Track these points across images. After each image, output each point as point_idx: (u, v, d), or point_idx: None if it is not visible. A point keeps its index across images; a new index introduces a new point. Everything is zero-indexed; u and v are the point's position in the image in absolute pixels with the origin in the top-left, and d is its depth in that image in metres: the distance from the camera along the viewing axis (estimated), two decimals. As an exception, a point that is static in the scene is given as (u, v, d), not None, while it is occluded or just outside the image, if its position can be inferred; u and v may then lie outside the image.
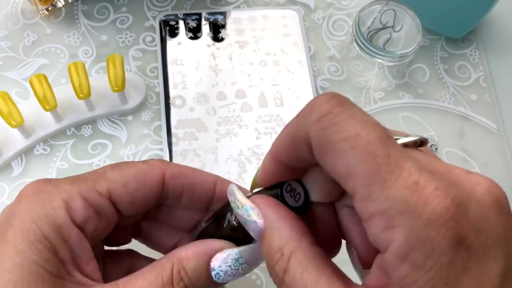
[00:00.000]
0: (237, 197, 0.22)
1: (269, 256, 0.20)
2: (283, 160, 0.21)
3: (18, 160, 0.39)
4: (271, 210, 0.21)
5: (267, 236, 0.20)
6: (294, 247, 0.19)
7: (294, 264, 0.19)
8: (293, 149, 0.20)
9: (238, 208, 0.22)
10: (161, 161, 0.26)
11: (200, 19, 0.46)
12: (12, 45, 0.44)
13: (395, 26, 0.41)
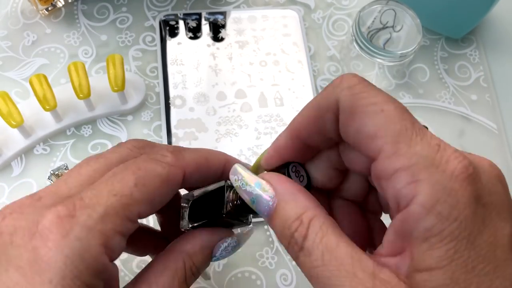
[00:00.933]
0: (244, 175, 0.22)
1: (286, 226, 0.20)
2: (302, 136, 0.22)
3: (18, 160, 0.39)
4: (284, 183, 0.21)
5: (282, 208, 0.20)
6: (312, 214, 0.20)
7: (314, 229, 0.19)
8: (317, 119, 0.21)
9: (246, 185, 0.22)
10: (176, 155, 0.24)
11: (200, 19, 0.46)
12: (12, 45, 0.44)
13: (395, 26, 0.41)
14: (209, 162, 0.26)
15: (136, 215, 0.22)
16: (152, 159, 0.24)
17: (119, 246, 0.21)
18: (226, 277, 0.36)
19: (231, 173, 0.23)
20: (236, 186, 0.22)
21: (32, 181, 0.38)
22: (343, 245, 0.19)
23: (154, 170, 0.23)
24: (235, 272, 0.36)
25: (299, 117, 0.22)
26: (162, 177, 0.23)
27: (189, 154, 0.25)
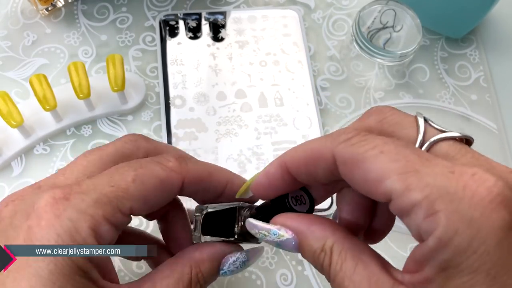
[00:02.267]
0: (260, 228, 0.23)
1: (315, 259, 0.21)
2: (292, 171, 0.22)
3: (18, 160, 0.39)
4: (296, 221, 0.22)
5: (305, 244, 0.21)
6: (331, 242, 0.21)
7: (335, 257, 0.20)
8: (309, 164, 0.21)
9: (266, 236, 0.23)
10: (180, 162, 0.25)
11: (200, 19, 0.46)
12: (12, 45, 0.44)
13: (395, 26, 0.41)
14: (211, 177, 0.26)
15: (128, 209, 0.23)
16: (155, 161, 0.24)
17: (108, 234, 0.22)
18: (226, 277, 0.36)
19: (248, 228, 0.24)
20: (260, 238, 0.23)
21: (32, 181, 0.38)
22: (360, 269, 0.19)
23: (154, 171, 0.24)
24: (235, 272, 0.37)
25: (294, 153, 0.22)
26: (161, 178, 0.24)
27: (193, 164, 0.26)
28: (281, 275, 0.37)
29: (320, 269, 0.21)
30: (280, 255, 0.37)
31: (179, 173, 0.24)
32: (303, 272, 0.37)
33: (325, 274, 0.21)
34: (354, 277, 0.19)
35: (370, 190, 0.19)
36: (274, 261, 0.37)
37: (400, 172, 0.18)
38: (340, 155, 0.20)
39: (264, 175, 0.24)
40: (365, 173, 0.19)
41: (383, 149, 0.19)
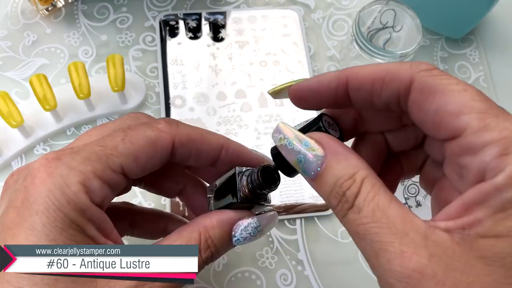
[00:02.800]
0: (289, 134, 0.22)
1: (337, 185, 0.20)
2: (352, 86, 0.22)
3: (18, 160, 0.39)
4: (334, 143, 0.21)
5: (333, 168, 0.20)
6: (365, 173, 0.20)
7: (367, 188, 0.19)
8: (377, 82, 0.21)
9: (293, 145, 0.21)
10: (170, 123, 0.26)
11: (200, 19, 0.46)
12: (12, 45, 0.44)
13: (395, 26, 0.41)
14: (203, 139, 0.26)
15: (118, 166, 0.23)
16: (145, 124, 0.25)
17: (99, 190, 0.23)
18: (226, 277, 0.36)
19: (275, 132, 0.22)
20: (280, 145, 0.22)
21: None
22: (394, 205, 0.19)
23: (144, 132, 0.24)
24: (235, 272, 0.37)
25: (358, 68, 0.22)
26: (150, 138, 0.24)
27: (184, 126, 0.26)
28: (281, 275, 0.37)
29: (337, 198, 0.20)
30: (280, 255, 0.37)
31: (169, 133, 0.25)
32: (303, 272, 0.37)
33: (340, 204, 0.20)
34: (388, 211, 0.19)
35: (441, 121, 0.19)
36: (274, 261, 0.37)
37: (480, 112, 0.18)
38: (420, 81, 0.20)
39: (316, 80, 0.23)
40: (442, 104, 0.19)
41: (466, 88, 0.19)
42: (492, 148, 0.18)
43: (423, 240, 0.18)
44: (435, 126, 0.20)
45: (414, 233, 0.18)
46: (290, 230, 0.38)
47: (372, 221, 0.19)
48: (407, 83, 0.20)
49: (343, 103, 0.22)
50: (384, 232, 0.18)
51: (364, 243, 0.19)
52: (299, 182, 0.39)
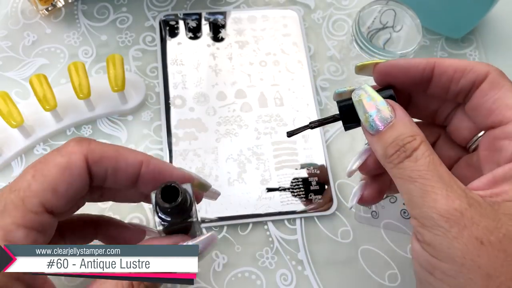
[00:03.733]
0: (371, 93, 0.26)
1: (400, 138, 0.24)
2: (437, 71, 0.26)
3: (18, 160, 0.39)
4: (402, 110, 0.25)
5: (399, 126, 0.25)
6: (424, 138, 0.24)
7: (425, 147, 0.24)
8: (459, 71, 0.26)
9: (372, 100, 0.25)
10: (81, 142, 0.25)
11: (200, 19, 0.46)
12: (12, 45, 0.44)
13: (395, 26, 0.41)
14: (119, 155, 0.25)
15: (38, 206, 0.23)
16: (54, 151, 0.25)
17: (24, 238, 0.22)
18: (226, 277, 0.36)
19: (357, 89, 0.26)
20: (359, 100, 0.26)
21: None
22: (444, 166, 0.23)
23: (53, 160, 0.24)
24: (235, 272, 0.37)
25: (445, 59, 0.26)
26: (62, 165, 0.24)
27: (97, 143, 0.25)
28: (281, 275, 0.37)
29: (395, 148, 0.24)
30: (280, 255, 0.37)
31: (80, 152, 0.24)
32: (303, 272, 0.37)
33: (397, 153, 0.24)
34: (439, 168, 0.23)
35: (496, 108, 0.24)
36: (274, 261, 0.37)
37: None
38: (494, 76, 0.25)
39: (406, 61, 0.27)
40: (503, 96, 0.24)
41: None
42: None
43: (464, 193, 0.22)
44: (490, 112, 0.25)
45: (457, 187, 0.22)
46: (290, 230, 0.38)
47: (427, 170, 0.23)
48: (483, 75, 0.25)
49: (422, 84, 0.27)
50: (435, 180, 0.22)
51: (413, 186, 0.23)
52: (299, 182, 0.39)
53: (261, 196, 0.39)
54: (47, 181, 0.23)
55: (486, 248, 0.21)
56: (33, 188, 0.23)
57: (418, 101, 0.29)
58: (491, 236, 0.21)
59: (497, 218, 0.21)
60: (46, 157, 0.24)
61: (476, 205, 0.22)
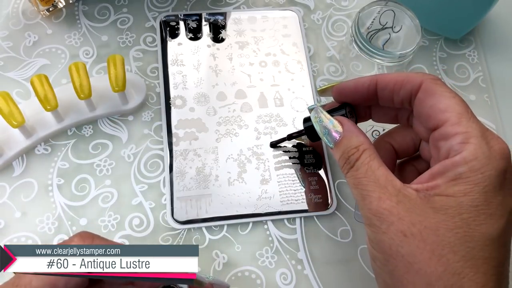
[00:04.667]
0: (322, 116, 0.31)
1: (347, 151, 0.29)
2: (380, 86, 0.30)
3: (19, 160, 0.39)
4: (350, 124, 0.30)
5: (346, 139, 0.29)
6: (366, 146, 0.28)
7: (365, 155, 0.28)
8: (398, 84, 0.29)
9: (322, 122, 0.31)
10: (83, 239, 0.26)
11: (200, 19, 0.46)
12: (13, 46, 0.44)
13: (395, 27, 0.41)
14: None
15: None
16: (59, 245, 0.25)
17: None
18: (226, 276, 0.36)
19: (313, 112, 0.32)
20: (314, 121, 0.32)
21: (33, 180, 0.39)
22: (382, 169, 0.27)
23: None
24: (235, 271, 0.37)
25: (387, 74, 0.30)
26: None
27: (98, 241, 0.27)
28: (281, 275, 0.37)
29: (344, 160, 0.29)
30: (280, 254, 0.37)
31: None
32: (303, 272, 0.37)
33: (346, 164, 0.29)
34: (376, 172, 0.27)
35: (432, 113, 0.27)
36: (274, 260, 0.37)
37: (458, 112, 0.26)
38: (426, 84, 0.28)
39: (354, 81, 0.32)
40: (437, 102, 0.27)
41: (455, 96, 0.27)
42: (458, 137, 0.26)
43: (396, 192, 0.26)
44: (428, 117, 0.28)
45: (391, 187, 0.26)
46: (289, 229, 0.38)
47: (364, 177, 0.27)
48: (418, 85, 0.28)
49: (371, 99, 0.31)
50: (371, 184, 0.27)
51: (357, 191, 0.27)
52: (299, 182, 0.39)
53: (261, 196, 0.39)
54: (47, 278, 0.25)
55: (408, 240, 0.24)
56: (34, 284, 0.24)
57: (377, 110, 0.33)
58: (414, 228, 0.24)
59: (423, 212, 0.25)
60: None
61: (406, 201, 0.25)
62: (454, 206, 0.24)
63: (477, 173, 0.24)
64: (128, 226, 0.38)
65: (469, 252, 0.24)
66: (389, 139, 0.33)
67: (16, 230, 0.37)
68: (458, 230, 0.24)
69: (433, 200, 0.25)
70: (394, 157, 0.33)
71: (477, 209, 0.24)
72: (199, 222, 0.38)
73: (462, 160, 0.25)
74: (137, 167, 0.40)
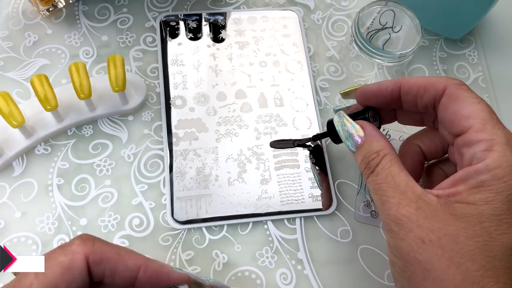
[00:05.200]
0: (344, 120, 0.31)
1: (367, 156, 0.29)
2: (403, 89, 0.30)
3: (19, 160, 0.39)
4: (372, 129, 0.30)
5: (367, 144, 0.29)
6: (387, 151, 0.28)
7: (386, 160, 0.28)
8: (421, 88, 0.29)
9: (345, 126, 0.31)
10: (85, 242, 0.26)
11: (200, 19, 0.46)
12: (13, 46, 0.44)
13: (394, 27, 0.41)
14: (119, 258, 0.26)
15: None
16: (58, 249, 0.26)
17: None
18: (226, 276, 0.36)
19: (336, 115, 0.32)
20: (337, 124, 0.31)
21: (33, 180, 0.39)
22: (402, 174, 0.27)
23: (57, 259, 0.25)
24: (235, 271, 0.37)
25: (410, 78, 0.30)
26: (64, 264, 0.25)
27: (100, 244, 0.26)
28: (281, 274, 0.37)
29: (365, 164, 0.29)
30: (280, 254, 0.37)
31: (82, 253, 0.25)
32: (303, 272, 0.37)
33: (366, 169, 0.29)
34: (396, 178, 0.27)
35: (456, 119, 0.27)
36: (274, 260, 0.37)
37: (482, 119, 0.26)
38: (450, 89, 0.28)
39: (378, 85, 0.31)
40: (461, 108, 0.27)
41: (479, 101, 0.27)
42: (482, 144, 0.25)
43: (416, 199, 0.25)
44: (452, 123, 0.27)
45: (411, 193, 0.26)
46: (289, 229, 0.38)
47: (384, 182, 0.27)
48: (442, 90, 0.28)
49: (395, 103, 0.31)
50: (390, 190, 0.26)
51: (377, 196, 0.27)
52: (299, 182, 0.39)
53: (261, 196, 0.39)
54: (48, 280, 0.24)
55: (426, 246, 0.24)
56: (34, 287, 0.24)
57: (402, 113, 0.33)
58: (433, 235, 0.24)
59: (443, 219, 0.24)
60: (50, 255, 0.25)
61: (425, 208, 0.25)
62: (475, 214, 0.24)
63: (500, 182, 0.24)
64: (128, 226, 0.38)
65: (490, 261, 0.23)
66: (417, 141, 0.33)
67: (16, 230, 0.37)
68: (478, 239, 0.24)
69: (454, 207, 0.25)
70: (422, 159, 0.33)
71: (499, 218, 0.24)
72: (199, 222, 0.38)
73: (485, 168, 0.24)
74: (137, 167, 0.40)
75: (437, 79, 0.29)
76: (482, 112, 0.26)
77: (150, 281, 0.27)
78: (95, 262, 0.25)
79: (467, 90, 0.28)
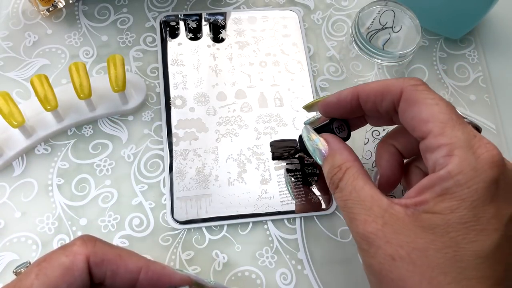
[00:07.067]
0: (311, 134, 0.31)
1: (330, 170, 0.28)
2: (361, 96, 0.29)
3: (19, 160, 0.39)
4: (335, 141, 0.30)
5: (330, 158, 0.29)
6: (350, 164, 0.28)
7: (348, 175, 0.27)
8: (379, 94, 0.28)
9: (310, 140, 0.31)
10: (86, 243, 0.26)
11: (200, 19, 0.46)
12: (13, 46, 0.44)
13: (394, 27, 0.41)
14: (121, 260, 0.26)
15: None
16: (59, 249, 0.25)
17: None
18: (226, 276, 0.36)
19: (304, 129, 0.32)
20: (305, 140, 0.31)
21: (33, 180, 0.39)
22: (366, 188, 0.26)
23: (58, 260, 0.25)
24: (235, 271, 0.37)
25: (366, 84, 0.29)
26: (65, 265, 0.25)
27: (102, 245, 0.26)
28: (281, 274, 0.37)
29: (329, 179, 0.28)
30: (280, 254, 0.37)
31: (83, 254, 0.25)
32: (303, 272, 0.37)
33: (330, 185, 0.28)
34: (361, 192, 0.26)
35: (415, 125, 0.26)
36: (274, 260, 0.37)
37: (441, 122, 0.25)
38: (407, 92, 0.26)
39: (336, 96, 0.30)
40: (419, 112, 0.26)
41: (438, 102, 0.25)
42: (443, 149, 0.24)
43: (382, 213, 0.25)
44: (412, 129, 0.26)
45: (377, 207, 0.25)
46: (289, 229, 0.38)
47: (349, 199, 0.26)
48: (399, 94, 0.27)
49: (357, 111, 0.30)
50: (356, 207, 0.26)
51: (344, 213, 0.27)
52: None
53: (261, 196, 0.39)
54: (49, 281, 0.24)
55: (397, 263, 0.24)
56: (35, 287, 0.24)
57: (370, 117, 0.32)
58: (402, 251, 0.23)
59: (411, 232, 0.24)
60: (52, 255, 0.25)
61: (393, 222, 0.24)
62: (441, 225, 0.23)
63: (463, 188, 0.23)
64: (128, 226, 0.38)
65: (461, 272, 0.22)
66: (392, 140, 0.32)
67: (16, 230, 0.37)
68: (448, 250, 0.23)
69: (421, 218, 0.24)
70: (399, 159, 0.32)
71: (466, 226, 0.23)
72: (199, 222, 0.38)
73: (447, 175, 0.23)
74: (137, 167, 0.40)
75: (393, 82, 0.27)
76: (440, 114, 0.25)
77: (151, 282, 0.27)
78: (96, 263, 0.25)
79: (424, 90, 0.26)
